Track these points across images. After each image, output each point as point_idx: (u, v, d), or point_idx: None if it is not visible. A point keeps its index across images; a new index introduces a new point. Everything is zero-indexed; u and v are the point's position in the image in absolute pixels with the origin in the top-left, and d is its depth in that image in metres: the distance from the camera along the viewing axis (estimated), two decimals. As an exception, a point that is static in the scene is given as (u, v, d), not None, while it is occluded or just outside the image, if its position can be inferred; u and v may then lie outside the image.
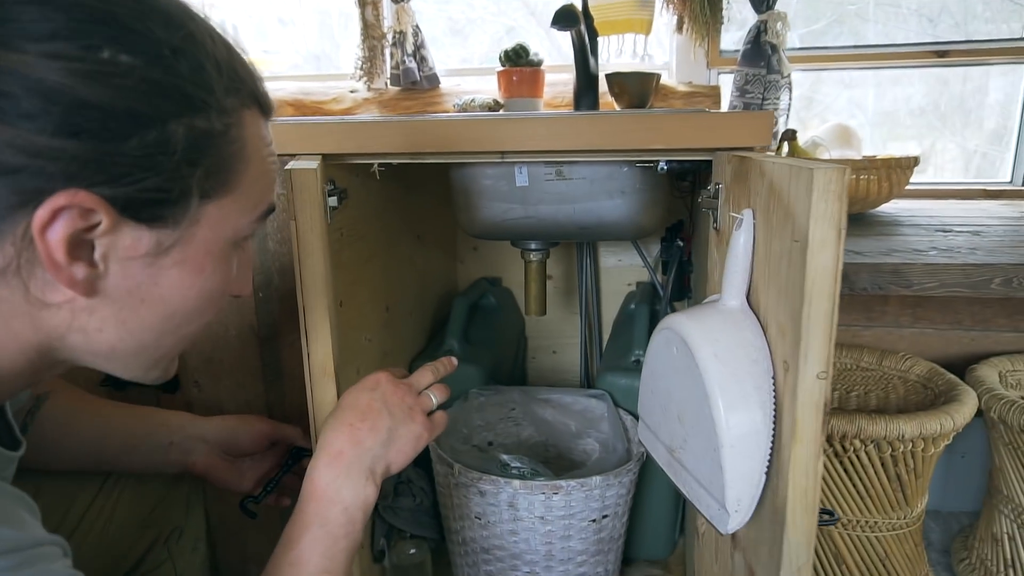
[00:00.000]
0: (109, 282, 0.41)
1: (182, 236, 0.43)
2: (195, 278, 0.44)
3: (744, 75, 1.34)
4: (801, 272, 0.50)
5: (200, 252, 0.44)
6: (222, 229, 0.45)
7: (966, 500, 1.46)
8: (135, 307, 0.43)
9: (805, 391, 0.51)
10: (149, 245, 0.41)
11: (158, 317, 0.44)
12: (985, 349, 1.36)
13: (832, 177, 0.47)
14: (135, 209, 0.40)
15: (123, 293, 0.42)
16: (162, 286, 0.43)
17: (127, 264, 0.41)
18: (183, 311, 0.45)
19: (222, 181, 0.43)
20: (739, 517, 0.55)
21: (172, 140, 0.40)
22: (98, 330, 0.42)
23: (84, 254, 0.39)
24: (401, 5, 1.45)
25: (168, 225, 0.42)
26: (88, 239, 0.39)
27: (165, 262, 0.43)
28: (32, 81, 0.35)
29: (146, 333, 0.44)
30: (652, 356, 0.68)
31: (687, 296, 1.31)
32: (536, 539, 0.96)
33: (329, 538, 0.57)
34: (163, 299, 0.44)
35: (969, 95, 1.63)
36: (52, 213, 0.37)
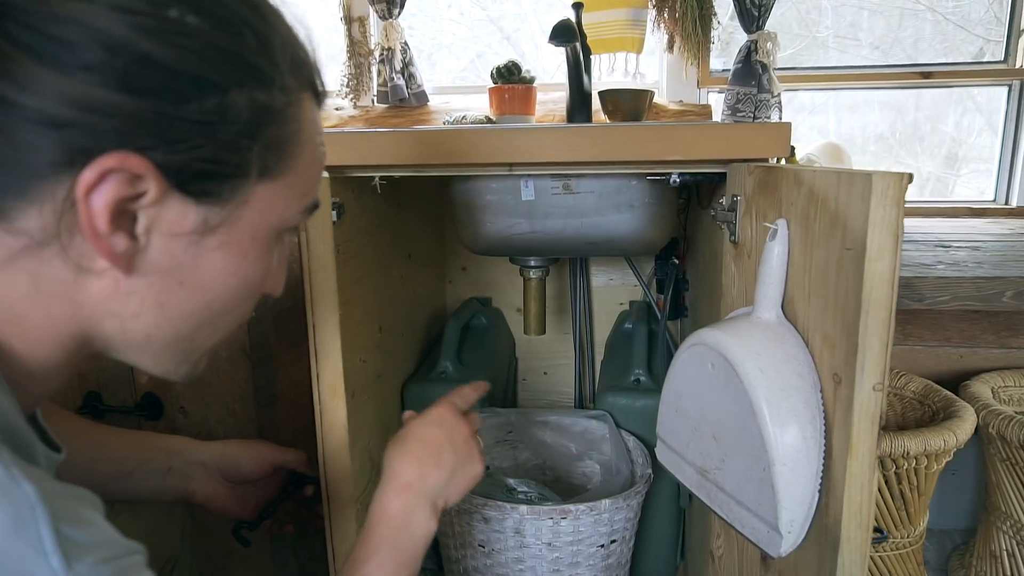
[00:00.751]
0: (149, 259, 0.38)
1: (229, 216, 0.40)
2: (238, 263, 0.42)
3: (735, 94, 1.34)
4: (856, 281, 0.48)
5: (245, 236, 0.42)
6: (269, 215, 0.43)
7: (959, 518, 1.47)
8: (174, 290, 0.40)
9: (861, 403, 0.49)
10: (195, 222, 0.39)
11: (197, 304, 0.42)
12: (974, 366, 1.37)
13: (891, 182, 0.45)
14: (185, 180, 0.37)
15: (162, 273, 0.39)
16: (203, 269, 0.41)
17: (169, 241, 0.39)
18: (222, 299, 0.43)
19: (276, 161, 0.41)
20: (792, 538, 0.52)
21: (232, 109, 0.38)
22: (134, 315, 0.40)
23: (126, 224, 0.37)
24: (389, 22, 1.43)
25: (217, 202, 0.39)
26: (132, 209, 0.37)
27: (209, 243, 0.40)
28: (95, 31, 0.33)
29: (183, 321, 0.42)
30: (679, 374, 0.66)
31: (683, 315, 1.30)
32: (543, 567, 0.92)
33: (396, 562, 0.58)
34: (203, 284, 0.41)
35: (922, 122, 1.70)
36: (100, 175, 0.34)
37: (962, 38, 1.60)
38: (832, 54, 1.62)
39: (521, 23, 1.77)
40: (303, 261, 0.67)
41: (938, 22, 1.62)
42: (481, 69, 1.75)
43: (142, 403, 0.92)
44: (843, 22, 1.64)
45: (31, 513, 0.31)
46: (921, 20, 1.62)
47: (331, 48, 1.76)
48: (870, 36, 1.61)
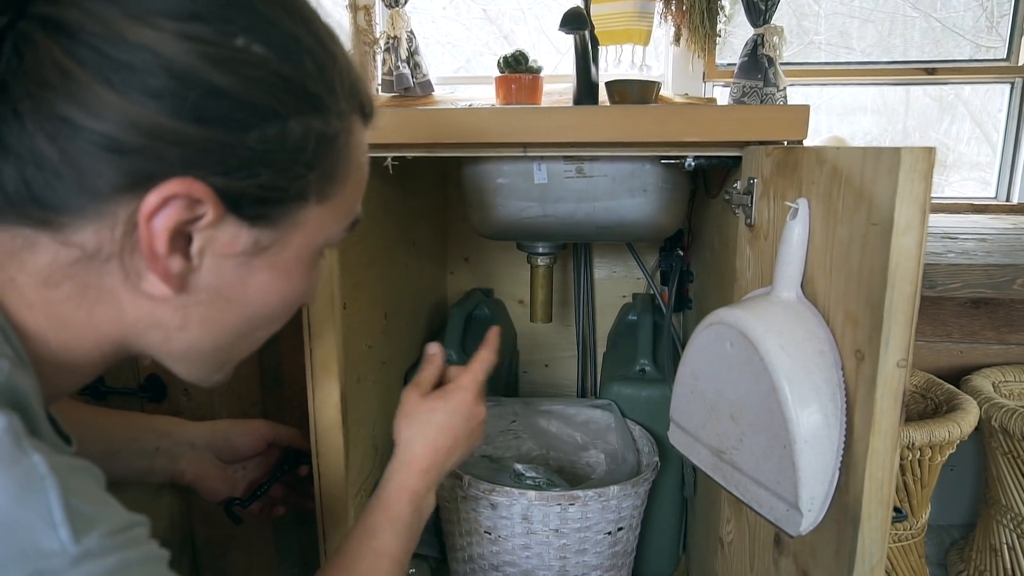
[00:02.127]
0: (200, 278, 0.39)
1: (279, 238, 0.41)
2: (282, 283, 0.43)
3: (741, 87, 1.35)
4: (882, 256, 0.48)
5: (292, 257, 0.43)
6: (316, 235, 0.44)
7: (958, 513, 1.47)
8: (220, 307, 0.41)
9: (884, 380, 0.49)
10: (247, 244, 0.40)
11: (239, 319, 0.43)
12: (974, 361, 1.38)
13: (919, 156, 0.45)
14: (242, 204, 0.38)
15: (211, 291, 0.40)
16: (249, 287, 0.42)
17: (221, 261, 0.40)
18: (262, 315, 0.44)
19: (327, 186, 0.42)
20: (812, 516, 0.52)
21: (291, 137, 0.38)
22: (179, 328, 0.41)
23: (181, 245, 0.38)
24: (396, 10, 1.42)
25: (269, 225, 0.40)
26: (188, 231, 0.38)
27: (258, 263, 0.41)
28: (164, 59, 0.34)
29: (224, 335, 0.43)
30: (695, 354, 0.65)
31: (687, 307, 1.30)
32: (550, 554, 0.91)
33: (407, 536, 0.62)
34: (247, 301, 0.42)
35: (912, 129, 1.72)
36: (163, 200, 0.35)
37: (953, 44, 1.62)
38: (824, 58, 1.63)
39: (516, 23, 1.77)
40: None
41: (929, 29, 1.63)
42: (477, 68, 1.74)
43: (145, 385, 0.91)
44: (834, 30, 1.65)
45: (40, 484, 0.30)
46: (911, 28, 1.64)
47: None
48: (861, 43, 1.63)
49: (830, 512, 0.54)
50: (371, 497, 0.63)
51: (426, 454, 0.64)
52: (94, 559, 0.31)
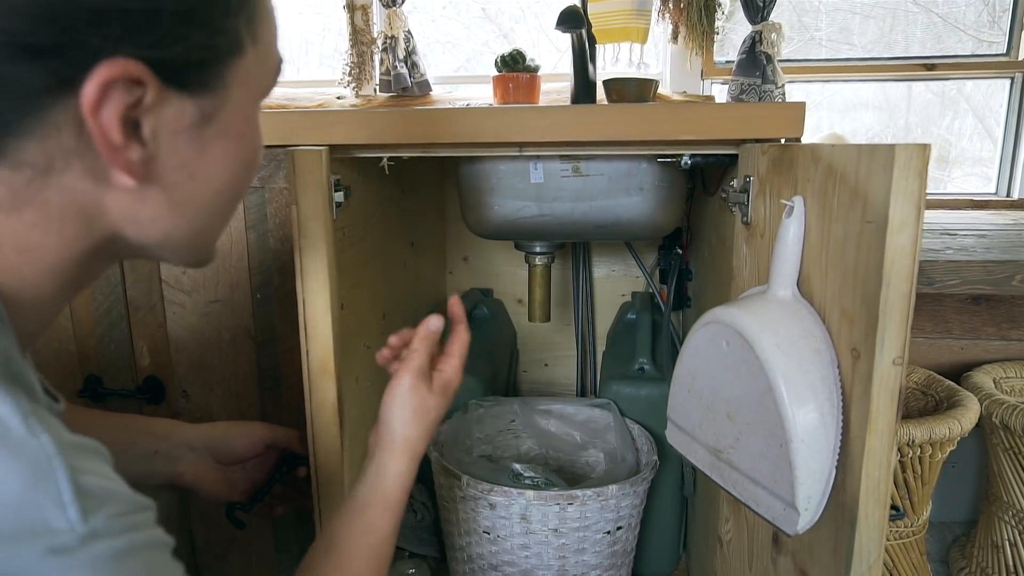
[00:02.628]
0: (160, 162, 0.38)
1: (221, 102, 0.40)
2: (238, 146, 0.42)
3: (739, 84, 1.34)
4: (877, 254, 0.47)
5: (237, 117, 0.41)
6: (251, 88, 0.42)
7: (959, 510, 1.47)
8: (187, 187, 0.40)
9: (880, 378, 0.48)
10: (194, 115, 0.38)
11: (208, 195, 0.42)
12: (975, 357, 1.37)
13: (914, 153, 0.45)
14: (178, 75, 0.36)
15: (173, 173, 0.39)
16: (208, 160, 0.40)
17: (174, 139, 0.38)
18: (231, 184, 0.43)
19: (250, 34, 0.40)
20: (809, 515, 0.52)
21: None
22: (153, 219, 0.40)
23: (133, 132, 0.36)
24: (393, 10, 1.42)
25: (208, 91, 0.38)
26: (135, 116, 0.36)
27: (209, 133, 0.40)
28: None
29: (197, 215, 0.42)
30: (692, 353, 0.65)
31: (686, 305, 1.29)
32: (549, 553, 0.91)
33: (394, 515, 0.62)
34: (211, 174, 0.41)
35: (914, 125, 1.71)
36: (102, 88, 0.33)
37: (955, 40, 1.61)
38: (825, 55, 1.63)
39: (516, 22, 1.77)
40: (294, 235, 0.66)
41: (931, 24, 1.62)
42: (477, 67, 1.74)
43: (143, 386, 0.91)
44: (835, 26, 1.64)
45: (49, 464, 0.30)
46: (913, 24, 1.63)
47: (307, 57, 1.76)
48: (863, 39, 1.62)
49: (827, 511, 0.54)
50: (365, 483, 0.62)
51: (420, 444, 0.65)
52: (102, 539, 0.31)
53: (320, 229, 0.67)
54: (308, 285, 0.68)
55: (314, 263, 0.68)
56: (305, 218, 0.67)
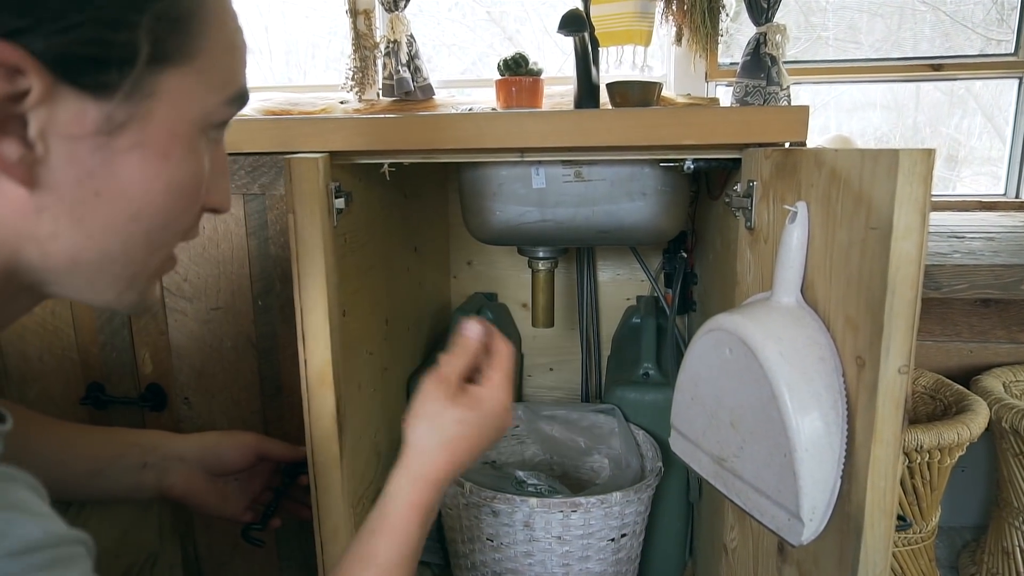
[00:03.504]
0: (53, 169, 0.34)
1: (137, 111, 0.35)
2: (160, 166, 0.37)
3: (744, 86, 1.33)
4: (882, 261, 0.47)
5: (162, 133, 0.37)
6: (186, 107, 0.38)
7: (969, 515, 1.45)
8: (90, 202, 0.35)
9: (886, 387, 0.48)
10: (96, 120, 0.34)
11: (121, 216, 0.37)
12: (984, 361, 1.36)
13: (918, 159, 0.44)
14: (73, 70, 0.32)
15: (73, 184, 0.35)
16: (120, 176, 0.36)
17: (72, 145, 0.34)
18: (149, 210, 0.38)
19: (178, 42, 0.36)
20: (814, 526, 0.51)
21: None
22: (52, 236, 0.35)
23: (14, 129, 0.32)
24: (395, 14, 1.42)
25: (116, 94, 0.34)
26: (17, 111, 0.32)
27: (120, 144, 0.35)
28: None
29: (109, 238, 0.37)
30: (695, 361, 0.65)
31: (691, 309, 1.29)
32: (552, 561, 0.91)
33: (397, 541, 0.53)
34: (123, 192, 0.36)
35: (923, 125, 1.69)
36: None
37: (964, 38, 1.60)
38: (832, 55, 1.62)
39: (522, 24, 1.76)
40: (291, 244, 0.66)
41: (938, 22, 1.61)
42: (483, 70, 1.74)
43: (146, 394, 0.91)
44: (843, 24, 1.63)
45: None
46: (921, 22, 1.62)
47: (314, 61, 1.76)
48: (870, 38, 1.61)
49: (832, 521, 0.53)
50: (376, 507, 0.55)
51: (444, 468, 0.55)
52: None
53: (317, 237, 0.66)
54: (306, 294, 0.68)
55: (312, 272, 0.67)
56: (302, 227, 0.66)
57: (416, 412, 0.57)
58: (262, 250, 0.85)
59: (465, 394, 0.57)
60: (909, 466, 1.05)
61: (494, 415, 0.57)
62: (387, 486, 0.57)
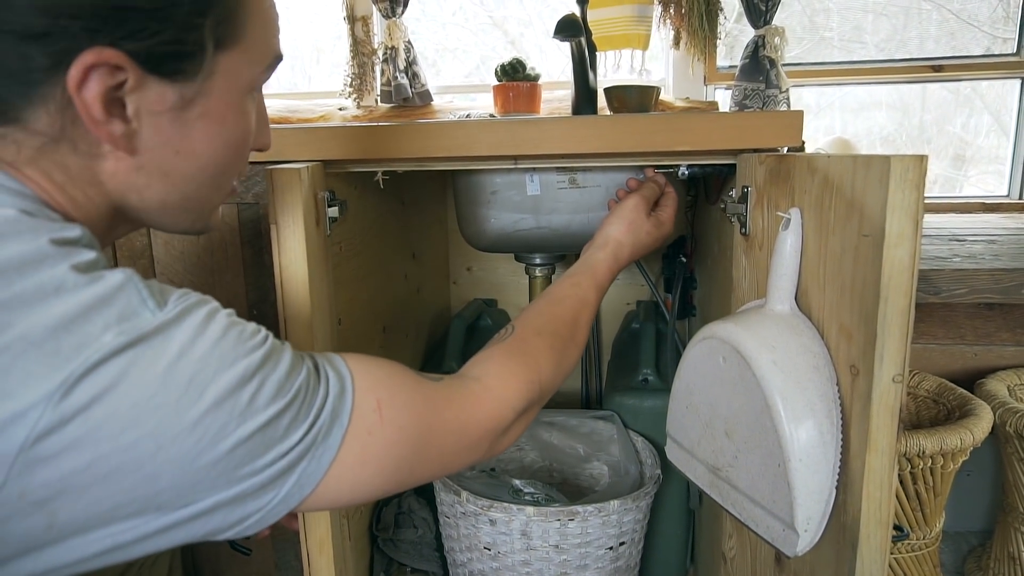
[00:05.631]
0: (144, 138, 0.44)
1: (202, 89, 0.45)
2: (219, 128, 0.48)
3: (743, 89, 1.33)
4: (875, 268, 0.46)
5: (220, 103, 0.47)
6: (237, 79, 0.48)
7: (975, 520, 1.44)
8: (171, 160, 0.46)
9: (879, 396, 0.47)
10: (173, 99, 0.44)
11: (193, 168, 0.48)
12: (989, 364, 1.34)
13: (910, 165, 0.44)
14: (156, 63, 0.42)
15: (159, 147, 0.45)
16: (192, 138, 0.46)
17: (156, 119, 0.44)
18: (214, 161, 0.49)
19: (231, 31, 0.46)
20: (809, 537, 0.50)
21: None
22: (147, 186, 0.46)
23: (118, 111, 0.42)
24: (393, 20, 1.42)
25: (187, 78, 0.44)
26: (119, 97, 0.42)
27: (190, 115, 0.46)
28: None
29: (186, 184, 0.48)
30: (690, 369, 0.64)
31: (691, 314, 1.28)
32: (551, 570, 0.90)
33: (597, 287, 0.75)
34: (194, 151, 0.47)
35: (929, 124, 1.68)
36: (83, 71, 0.39)
37: (970, 36, 1.58)
38: (837, 55, 1.61)
39: (526, 27, 1.76)
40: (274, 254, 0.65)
41: (944, 21, 1.60)
42: (486, 74, 1.73)
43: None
44: (848, 25, 1.62)
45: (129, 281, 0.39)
46: (926, 21, 1.61)
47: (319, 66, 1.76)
48: (875, 38, 1.60)
49: (828, 532, 0.53)
50: (568, 276, 0.75)
51: (628, 259, 0.78)
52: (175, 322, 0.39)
53: (300, 247, 0.65)
54: (288, 304, 0.66)
55: (294, 282, 0.66)
56: (284, 237, 0.65)
57: (621, 215, 0.78)
58: (256, 259, 0.85)
59: (654, 215, 0.80)
60: (912, 471, 1.04)
61: (664, 236, 0.81)
62: (582, 261, 0.77)
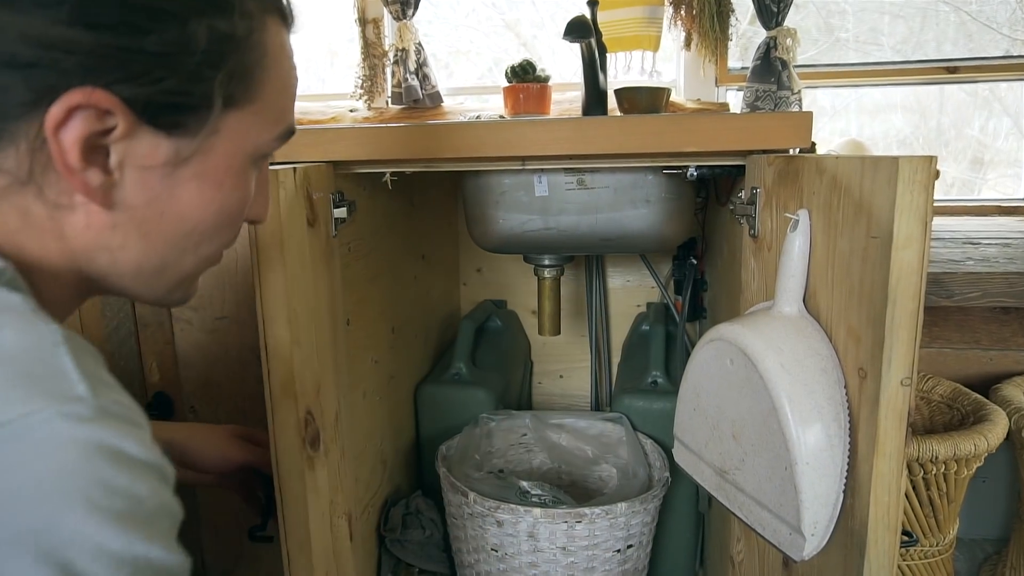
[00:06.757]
0: (126, 192, 0.39)
1: (201, 147, 0.41)
2: (214, 193, 0.43)
3: (754, 91, 1.32)
4: (883, 271, 0.45)
5: (220, 166, 0.42)
6: (242, 143, 0.43)
7: (991, 527, 1.42)
8: (155, 221, 0.41)
9: (888, 399, 0.46)
10: (167, 154, 0.39)
11: (178, 233, 0.43)
12: (1004, 369, 1.32)
13: (918, 166, 0.43)
14: (153, 113, 0.38)
15: (141, 205, 0.40)
16: (180, 200, 0.41)
17: (144, 173, 0.39)
18: (202, 228, 0.44)
19: (244, 89, 0.41)
20: (816, 541, 0.50)
21: (193, 39, 0.38)
22: (121, 247, 0.41)
23: (99, 159, 0.38)
24: (403, 23, 1.42)
25: (187, 133, 0.40)
26: (103, 144, 0.37)
27: (183, 174, 0.41)
28: None
29: (167, 249, 0.43)
30: (697, 371, 0.64)
31: (702, 316, 1.27)
32: (558, 572, 0.90)
33: None
34: (182, 214, 0.42)
35: (947, 126, 1.66)
36: (66, 111, 0.35)
37: (988, 38, 1.56)
38: (853, 57, 1.59)
39: (539, 29, 1.76)
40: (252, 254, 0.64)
41: (962, 23, 1.57)
42: (498, 76, 1.73)
43: (153, 402, 0.92)
44: (864, 27, 1.61)
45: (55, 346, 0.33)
46: (944, 23, 1.59)
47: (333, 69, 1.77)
48: (891, 40, 1.58)
49: (836, 536, 0.52)
50: None
51: None
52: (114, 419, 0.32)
53: (276, 248, 0.64)
54: (267, 305, 0.65)
55: (272, 284, 0.64)
56: (262, 238, 0.64)
57: None
58: (266, 259, 0.85)
59: None
60: (924, 477, 1.03)
61: None
62: None
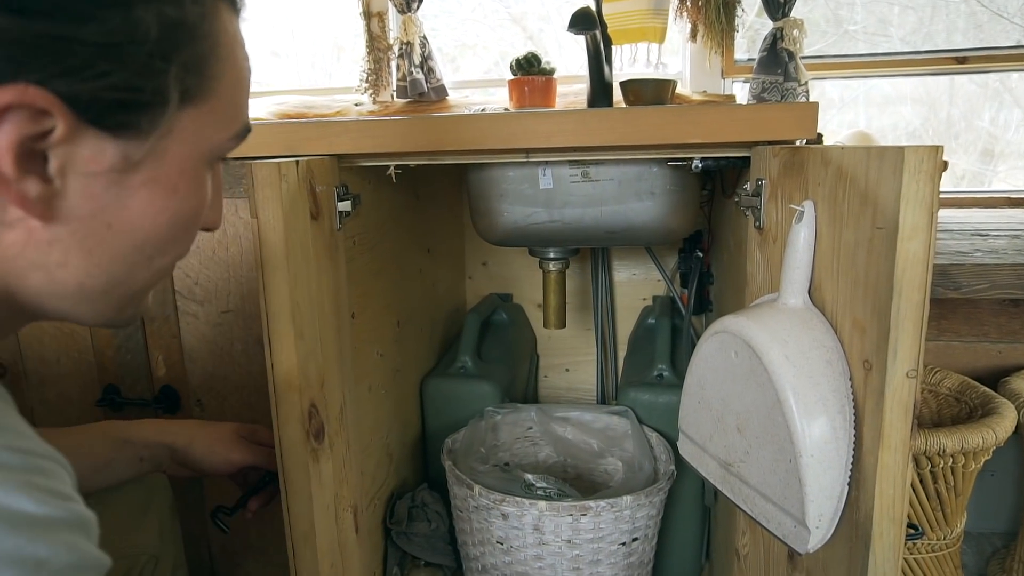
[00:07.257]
0: (68, 203, 0.35)
1: (153, 150, 0.36)
2: (167, 200, 0.38)
3: (761, 83, 1.31)
4: (888, 262, 0.45)
5: (173, 170, 0.38)
6: (197, 143, 0.39)
7: (999, 520, 1.41)
8: (101, 234, 0.36)
9: (893, 391, 0.46)
10: (114, 158, 0.35)
11: (128, 246, 0.38)
12: (1013, 362, 1.31)
13: (924, 156, 0.43)
14: (97, 112, 0.33)
15: (86, 217, 0.35)
16: (131, 209, 0.37)
17: (88, 181, 0.35)
18: (155, 240, 0.39)
19: (199, 83, 0.38)
20: (820, 533, 0.49)
21: (141, 27, 0.33)
22: (60, 265, 0.36)
23: (36, 167, 0.33)
24: (408, 16, 1.42)
25: (137, 135, 0.35)
26: (40, 148, 0.33)
27: (133, 180, 0.36)
28: None
29: (116, 265, 0.38)
30: (701, 363, 0.63)
31: (708, 309, 1.27)
32: (563, 565, 0.90)
33: None
34: (132, 225, 0.37)
35: (957, 118, 1.64)
36: None
37: (999, 28, 1.54)
38: (862, 48, 1.58)
39: (545, 23, 1.75)
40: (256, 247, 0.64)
41: (972, 13, 1.56)
42: (505, 70, 1.73)
43: (159, 396, 0.92)
44: (872, 18, 1.59)
45: None
46: (954, 13, 1.57)
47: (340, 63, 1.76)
48: (901, 31, 1.56)
49: (841, 529, 0.52)
50: None
51: None
52: None
53: (280, 242, 0.64)
54: (270, 298, 0.64)
55: (275, 276, 0.65)
56: (264, 231, 0.64)
57: None
58: (271, 253, 0.86)
59: None
60: (932, 471, 1.02)
61: None
62: None
